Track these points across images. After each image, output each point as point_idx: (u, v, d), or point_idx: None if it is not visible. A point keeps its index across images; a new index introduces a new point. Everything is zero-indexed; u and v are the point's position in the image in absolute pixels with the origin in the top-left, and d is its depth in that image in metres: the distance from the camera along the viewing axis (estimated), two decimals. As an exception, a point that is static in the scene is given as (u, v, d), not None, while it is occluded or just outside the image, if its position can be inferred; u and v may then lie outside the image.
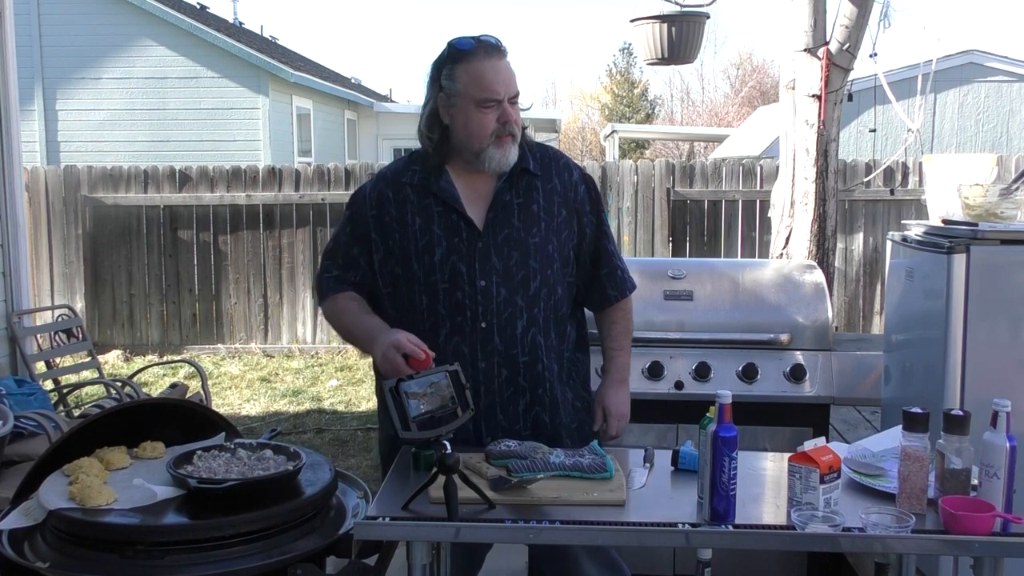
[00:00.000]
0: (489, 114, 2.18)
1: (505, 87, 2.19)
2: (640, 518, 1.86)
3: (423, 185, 2.28)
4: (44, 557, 1.89)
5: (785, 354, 3.20)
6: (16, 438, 3.45)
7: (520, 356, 2.25)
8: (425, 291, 2.25)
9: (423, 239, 2.25)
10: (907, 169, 8.01)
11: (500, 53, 2.21)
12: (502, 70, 2.19)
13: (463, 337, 2.23)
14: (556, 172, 2.32)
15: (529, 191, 2.28)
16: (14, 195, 5.26)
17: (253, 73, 12.94)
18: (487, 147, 2.21)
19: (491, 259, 2.23)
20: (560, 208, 2.29)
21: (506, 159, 2.22)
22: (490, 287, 2.22)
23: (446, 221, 2.25)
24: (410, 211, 2.27)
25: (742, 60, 33.87)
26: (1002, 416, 1.82)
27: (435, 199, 2.26)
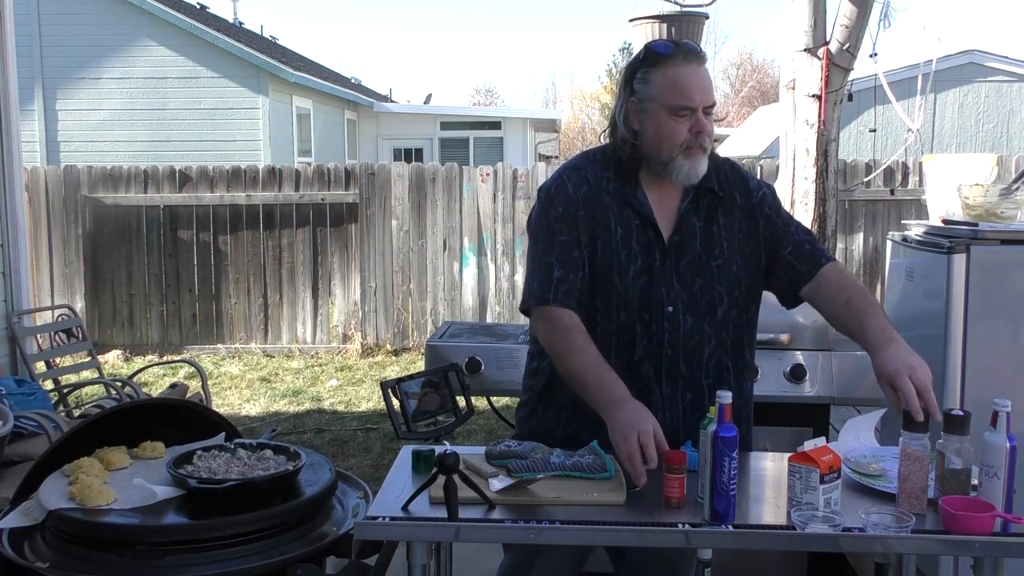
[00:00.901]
0: (682, 123, 2.06)
1: (702, 95, 2.07)
2: (640, 518, 1.86)
3: (620, 193, 2.16)
4: (44, 557, 1.89)
5: (785, 354, 3.20)
6: (16, 438, 3.45)
7: (704, 379, 2.18)
8: (624, 307, 2.14)
9: (623, 251, 2.13)
10: (907, 169, 8.01)
11: (699, 59, 2.10)
12: (700, 77, 2.08)
13: (652, 361, 2.14)
14: (735, 185, 2.22)
15: (711, 212, 2.18)
16: (14, 195, 5.26)
17: (253, 73, 12.94)
18: (676, 157, 2.08)
19: (674, 285, 2.14)
20: (741, 222, 2.19)
21: (695, 171, 2.10)
22: (676, 313, 2.14)
23: (643, 236, 2.15)
24: (613, 220, 2.15)
25: (742, 60, 33.89)
26: (1002, 416, 1.82)
27: (633, 210, 2.15)
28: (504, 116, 18.36)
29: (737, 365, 2.23)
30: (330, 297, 8.45)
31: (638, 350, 2.14)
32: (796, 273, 2.19)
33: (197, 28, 12.92)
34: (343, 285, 8.43)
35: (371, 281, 8.40)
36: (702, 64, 2.11)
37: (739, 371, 2.24)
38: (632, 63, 2.15)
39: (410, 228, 8.33)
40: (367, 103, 17.35)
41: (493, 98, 42.03)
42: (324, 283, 8.43)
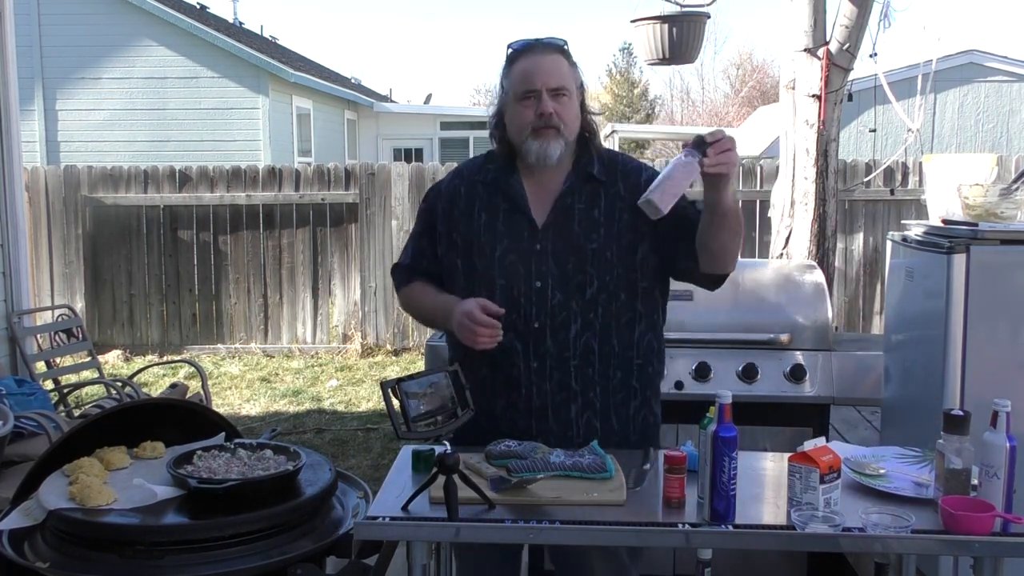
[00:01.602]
0: (528, 107, 2.19)
1: (543, 77, 2.18)
2: (640, 518, 1.86)
3: (494, 183, 2.31)
4: (44, 557, 1.89)
5: (785, 354, 3.20)
6: (16, 438, 3.45)
7: (572, 360, 2.23)
8: (483, 284, 2.25)
9: (486, 235, 2.27)
10: (907, 169, 8.01)
11: (546, 49, 2.22)
12: (541, 63, 2.20)
13: (517, 333, 2.22)
14: (622, 176, 2.29)
15: (593, 197, 2.26)
16: (14, 195, 5.26)
17: (253, 73, 12.94)
18: (526, 139, 2.21)
19: (547, 263, 2.22)
20: (623, 213, 2.24)
21: (545, 152, 2.20)
22: (545, 288, 2.21)
23: (510, 219, 2.27)
24: (478, 206, 2.30)
25: (742, 60, 33.88)
26: (1002, 416, 1.82)
27: (503, 196, 2.29)
28: (504, 116, 18.29)
29: (604, 351, 2.25)
30: (330, 297, 8.45)
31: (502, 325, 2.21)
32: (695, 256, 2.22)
33: (197, 28, 12.92)
34: (343, 285, 8.43)
35: (371, 281, 8.39)
36: (550, 53, 2.22)
37: (606, 357, 2.25)
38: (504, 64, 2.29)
39: (410, 228, 8.31)
40: (367, 103, 17.35)
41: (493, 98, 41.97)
42: (324, 283, 8.43)
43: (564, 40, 2.27)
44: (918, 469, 2.08)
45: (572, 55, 2.28)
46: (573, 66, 2.26)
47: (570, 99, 2.22)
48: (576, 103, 2.24)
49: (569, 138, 2.23)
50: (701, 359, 3.20)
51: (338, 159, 14.02)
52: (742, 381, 3.15)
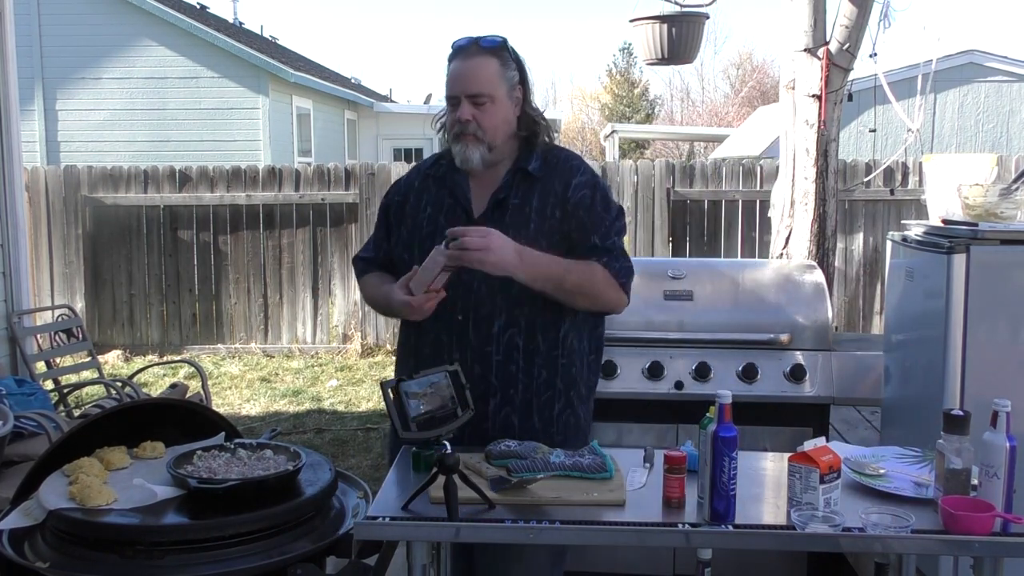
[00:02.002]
0: (451, 112, 2.25)
1: (461, 85, 2.22)
2: (640, 518, 1.86)
3: (444, 177, 2.35)
4: (44, 557, 1.89)
5: (785, 354, 3.20)
6: (16, 438, 3.45)
7: (494, 355, 2.24)
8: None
9: (428, 227, 2.31)
10: (907, 169, 8.01)
11: (477, 53, 2.23)
12: (465, 68, 2.23)
13: (443, 326, 2.25)
14: (559, 174, 2.29)
15: (527, 194, 2.27)
16: (14, 195, 5.26)
17: (253, 73, 12.94)
18: (450, 143, 2.27)
19: None
20: (555, 210, 2.25)
21: (464, 156, 2.25)
22: (471, 281, 2.22)
23: (451, 213, 2.30)
24: (425, 200, 2.36)
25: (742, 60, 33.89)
26: (1002, 416, 1.82)
27: (448, 192, 2.33)
28: (504, 116, 18.30)
29: (529, 348, 2.25)
30: (330, 297, 8.45)
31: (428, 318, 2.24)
32: None
33: (197, 28, 12.92)
34: (343, 285, 8.43)
35: (371, 281, 8.38)
36: (475, 57, 2.23)
37: (530, 354, 2.25)
38: None
39: (410, 228, 8.32)
40: (367, 103, 17.35)
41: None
42: (324, 283, 8.43)
43: (501, 39, 2.26)
44: (918, 469, 2.08)
45: (511, 54, 2.27)
46: (507, 66, 2.25)
47: (493, 104, 2.22)
48: (503, 107, 2.24)
49: (494, 142, 2.25)
50: (701, 359, 3.20)
51: (338, 159, 14.02)
52: (742, 381, 3.15)
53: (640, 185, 8.20)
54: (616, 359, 3.20)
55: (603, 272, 2.23)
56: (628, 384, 3.18)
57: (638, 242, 8.18)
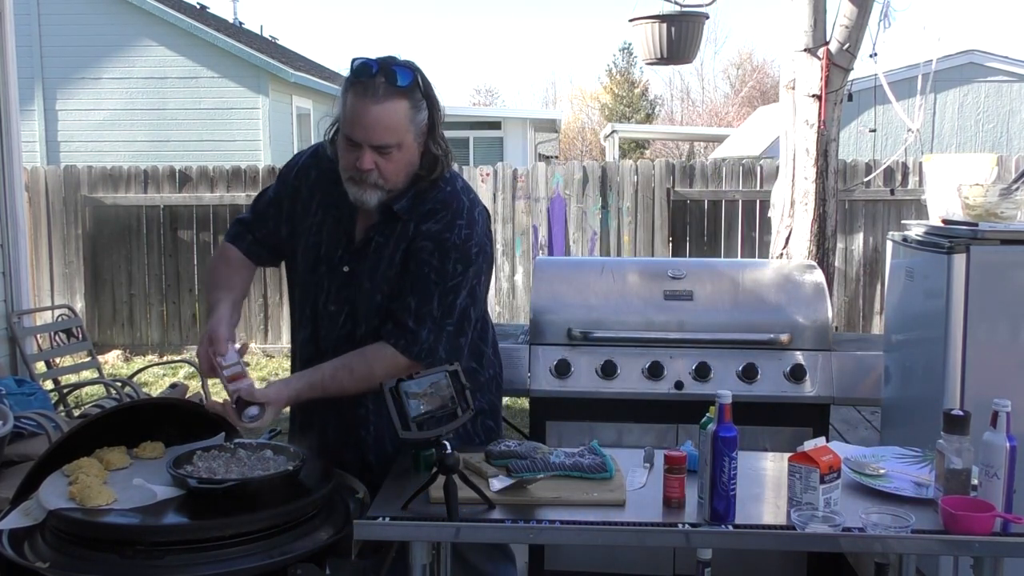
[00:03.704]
0: (351, 152, 2.07)
1: (367, 135, 2.03)
2: (640, 518, 1.86)
3: (337, 182, 2.17)
4: (44, 557, 1.89)
5: (785, 354, 3.20)
6: (16, 438, 3.45)
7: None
8: (299, 286, 2.28)
9: (315, 235, 2.24)
10: (907, 169, 8.01)
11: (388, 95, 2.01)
12: (371, 115, 2.01)
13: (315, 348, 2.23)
14: (419, 217, 2.16)
15: (391, 235, 2.18)
16: (14, 195, 5.26)
17: (253, 73, 12.94)
18: (346, 181, 2.12)
19: (349, 288, 2.21)
20: (403, 255, 2.17)
21: (361, 199, 2.11)
22: (338, 315, 2.22)
23: (336, 229, 2.22)
24: (316, 202, 2.25)
25: (742, 60, 33.89)
26: (1002, 416, 1.82)
27: (336, 203, 2.21)
28: (504, 116, 18.35)
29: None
30: (330, 297, 8.45)
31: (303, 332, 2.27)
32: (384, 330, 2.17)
33: (197, 28, 12.92)
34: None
35: (371, 281, 8.39)
36: (387, 101, 2.01)
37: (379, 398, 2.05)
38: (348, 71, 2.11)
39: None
40: (367, 103, 17.31)
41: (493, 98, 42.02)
42: (324, 283, 8.42)
43: (411, 73, 2.05)
44: (918, 469, 2.08)
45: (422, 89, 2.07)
46: (416, 107, 2.06)
47: (400, 151, 2.07)
48: (408, 152, 2.09)
49: (395, 187, 2.12)
50: (701, 359, 3.20)
51: (338, 159, 14.00)
52: (742, 381, 3.15)
53: (640, 185, 8.20)
54: (616, 359, 3.20)
55: (391, 358, 2.12)
56: (628, 384, 3.18)
57: (638, 242, 8.18)
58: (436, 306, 2.14)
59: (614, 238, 8.24)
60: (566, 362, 3.21)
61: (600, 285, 3.36)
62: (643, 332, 3.26)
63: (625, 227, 8.22)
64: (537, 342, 3.24)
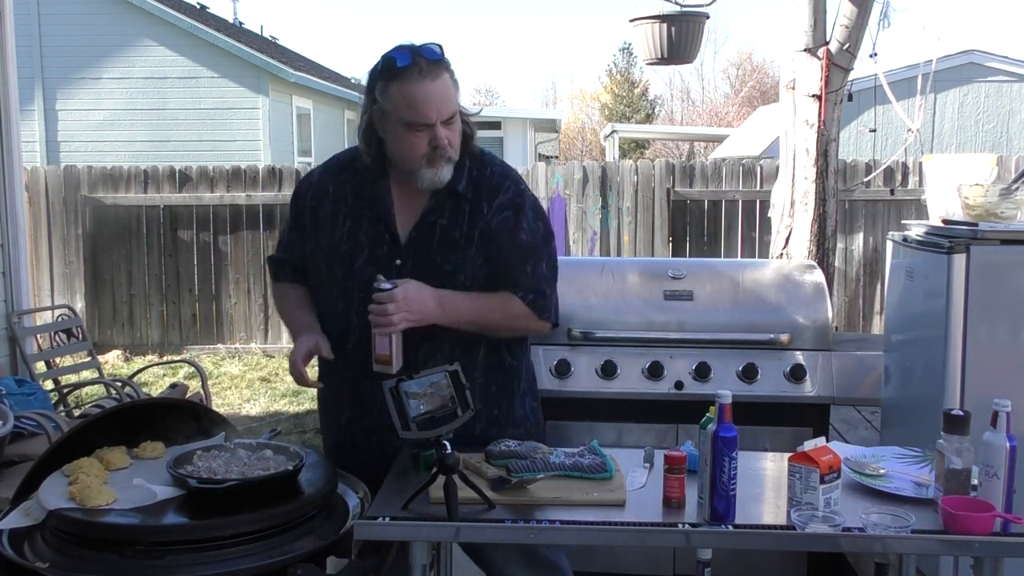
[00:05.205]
0: (420, 136, 2.09)
1: (437, 111, 2.08)
2: (640, 518, 1.86)
3: (361, 187, 2.23)
4: (44, 557, 1.89)
5: (785, 354, 3.20)
6: (16, 438, 3.45)
7: None
8: (342, 295, 2.24)
9: (347, 243, 2.22)
10: (907, 169, 8.01)
11: (435, 71, 2.07)
12: (433, 91, 2.07)
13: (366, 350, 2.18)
14: (487, 194, 2.21)
15: (455, 214, 2.20)
16: (14, 195, 5.26)
17: (253, 73, 12.94)
18: (419, 168, 2.13)
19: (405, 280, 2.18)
20: (483, 232, 2.19)
21: (438, 179, 2.14)
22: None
23: (373, 230, 2.21)
24: (343, 212, 2.24)
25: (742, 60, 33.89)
26: (1002, 416, 1.82)
27: (368, 205, 2.22)
28: (504, 116, 18.34)
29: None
30: (330, 297, 8.44)
31: (351, 339, 2.22)
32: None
33: (197, 28, 12.91)
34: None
35: (371, 281, 8.38)
36: (438, 76, 2.08)
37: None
38: (372, 72, 2.15)
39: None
40: (367, 103, 17.31)
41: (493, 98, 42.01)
42: (324, 283, 8.42)
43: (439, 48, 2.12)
44: (918, 469, 2.08)
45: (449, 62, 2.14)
46: (453, 77, 2.13)
47: (456, 119, 2.13)
48: (458, 119, 2.15)
49: (457, 157, 2.16)
50: (701, 359, 3.20)
51: (338, 159, 13.99)
52: (742, 381, 3.15)
53: (640, 185, 8.20)
54: (616, 359, 3.20)
55: (520, 306, 2.20)
56: (628, 384, 3.18)
57: (638, 242, 8.18)
58: (545, 266, 2.25)
59: (614, 238, 8.24)
60: (566, 362, 3.21)
61: (600, 285, 3.36)
62: (643, 332, 3.26)
63: (625, 227, 8.22)
64: (537, 342, 3.24)
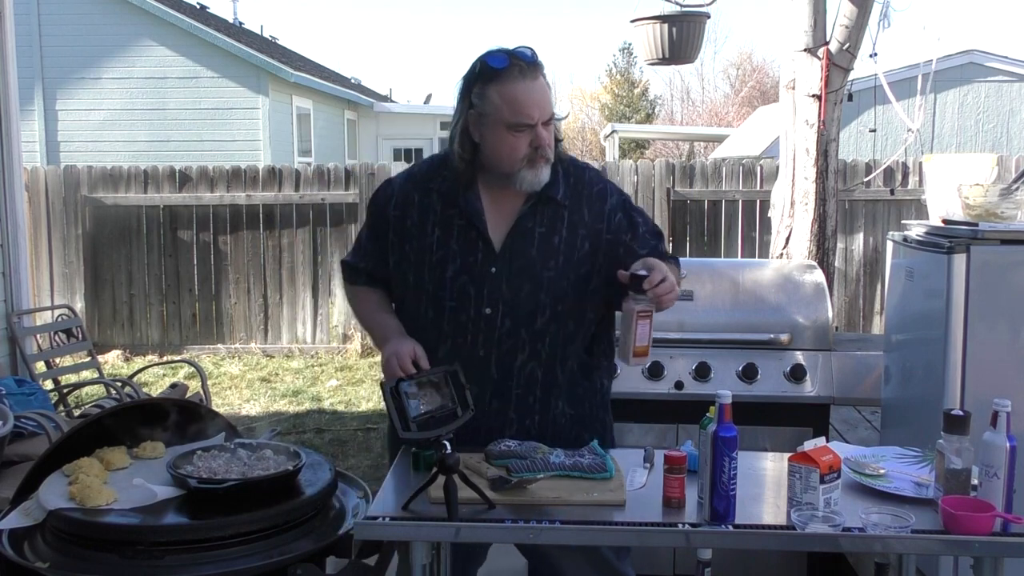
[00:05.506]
0: (521, 138, 2.09)
1: (540, 111, 2.08)
2: (640, 518, 1.86)
3: (450, 194, 2.20)
4: (44, 557, 1.89)
5: (785, 354, 3.20)
6: (16, 438, 3.45)
7: (515, 388, 2.19)
8: (432, 304, 2.19)
9: (438, 252, 2.18)
10: (907, 169, 8.01)
11: (535, 72, 2.09)
12: (536, 92, 2.08)
13: (462, 359, 2.14)
14: (587, 201, 2.21)
15: (554, 221, 2.18)
16: (14, 195, 5.26)
17: (253, 73, 12.94)
18: (519, 170, 2.11)
19: (501, 287, 2.15)
20: (584, 241, 2.18)
21: (538, 179, 2.12)
22: (495, 316, 2.15)
23: (465, 238, 2.17)
24: (432, 220, 2.20)
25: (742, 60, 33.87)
26: (1002, 416, 1.82)
27: (459, 212, 2.18)
28: (504, 116, 18.31)
29: (547, 380, 2.21)
30: (330, 297, 8.45)
31: (443, 348, 2.17)
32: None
33: (197, 28, 12.92)
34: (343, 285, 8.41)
35: (371, 281, 8.38)
36: (538, 76, 2.09)
37: (548, 387, 2.22)
38: (468, 76, 2.15)
39: (410, 228, 8.32)
40: (367, 103, 17.35)
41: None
42: (324, 283, 8.43)
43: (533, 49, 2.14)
44: (918, 469, 2.08)
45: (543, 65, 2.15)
46: (547, 80, 2.15)
47: (552, 122, 2.13)
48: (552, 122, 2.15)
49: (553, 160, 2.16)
50: (701, 359, 3.20)
51: (338, 159, 14.03)
52: (742, 381, 3.15)
53: (640, 185, 8.20)
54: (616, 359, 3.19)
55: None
56: (628, 384, 3.18)
57: (638, 242, 8.16)
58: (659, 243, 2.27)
59: (614, 238, 8.23)
60: (566, 362, 3.21)
61: (600, 285, 3.35)
62: (643, 332, 3.25)
63: (625, 227, 8.21)
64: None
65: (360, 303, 2.40)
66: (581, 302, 2.21)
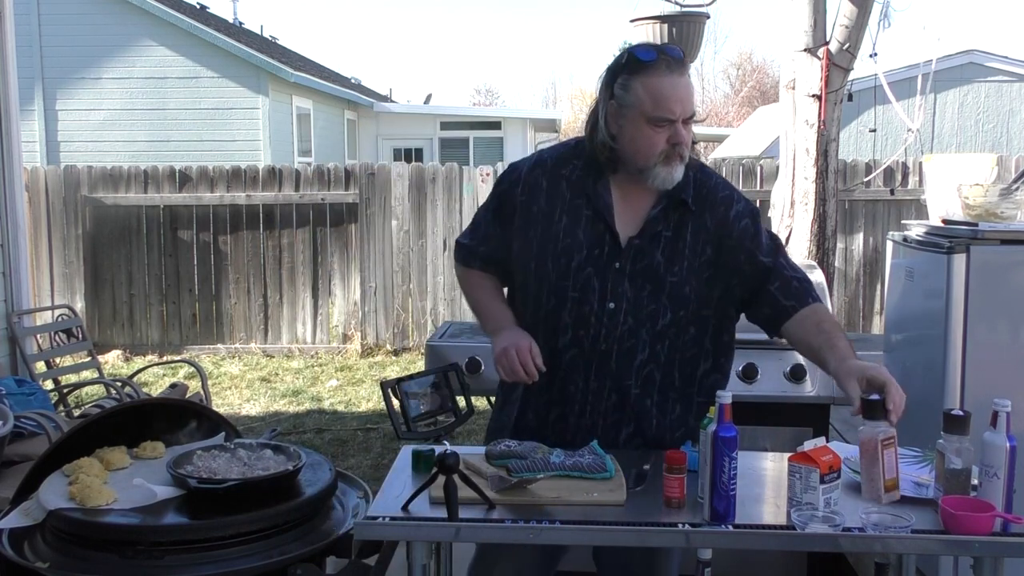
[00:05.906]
0: (661, 133, 2.06)
1: (682, 107, 2.06)
2: (640, 518, 1.86)
3: (579, 184, 2.18)
4: (44, 557, 1.89)
5: (785, 354, 3.20)
6: (16, 438, 3.45)
7: (633, 388, 2.18)
8: (555, 293, 2.17)
9: (564, 240, 2.16)
10: (907, 169, 8.01)
11: (681, 69, 2.07)
12: (680, 88, 2.06)
13: (581, 351, 2.14)
14: (711, 207, 2.18)
15: (680, 226, 2.16)
16: (14, 195, 5.26)
17: (253, 73, 12.94)
18: (654, 165, 2.08)
19: (624, 284, 2.13)
20: (706, 247, 2.16)
21: (672, 178, 2.09)
22: (618, 312, 2.13)
23: (593, 229, 2.15)
24: (560, 208, 2.17)
25: (742, 60, 33.88)
26: (1002, 416, 1.82)
27: (587, 202, 2.16)
28: (504, 116, 18.37)
29: (665, 383, 2.19)
30: (330, 297, 8.45)
31: (563, 338, 2.16)
32: (781, 309, 2.18)
33: (197, 28, 12.92)
34: (343, 285, 8.43)
35: (371, 281, 8.40)
36: (684, 73, 2.08)
37: (664, 391, 2.20)
38: (614, 67, 2.13)
39: (410, 228, 8.34)
40: (367, 103, 17.35)
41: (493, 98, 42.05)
42: (324, 283, 8.43)
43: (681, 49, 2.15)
44: (918, 469, 2.08)
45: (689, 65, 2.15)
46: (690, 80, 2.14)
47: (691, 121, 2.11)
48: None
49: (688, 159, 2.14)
50: (701, 359, 3.19)
51: (338, 159, 14.03)
52: (742, 381, 3.15)
53: (640, 185, 8.19)
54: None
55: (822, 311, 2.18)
56: (628, 384, 3.17)
57: (638, 242, 8.17)
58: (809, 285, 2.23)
59: (614, 238, 8.23)
60: (566, 362, 3.21)
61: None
62: (643, 332, 3.25)
63: (625, 227, 8.21)
64: (537, 342, 3.24)
65: (473, 287, 2.34)
66: (702, 309, 2.18)
